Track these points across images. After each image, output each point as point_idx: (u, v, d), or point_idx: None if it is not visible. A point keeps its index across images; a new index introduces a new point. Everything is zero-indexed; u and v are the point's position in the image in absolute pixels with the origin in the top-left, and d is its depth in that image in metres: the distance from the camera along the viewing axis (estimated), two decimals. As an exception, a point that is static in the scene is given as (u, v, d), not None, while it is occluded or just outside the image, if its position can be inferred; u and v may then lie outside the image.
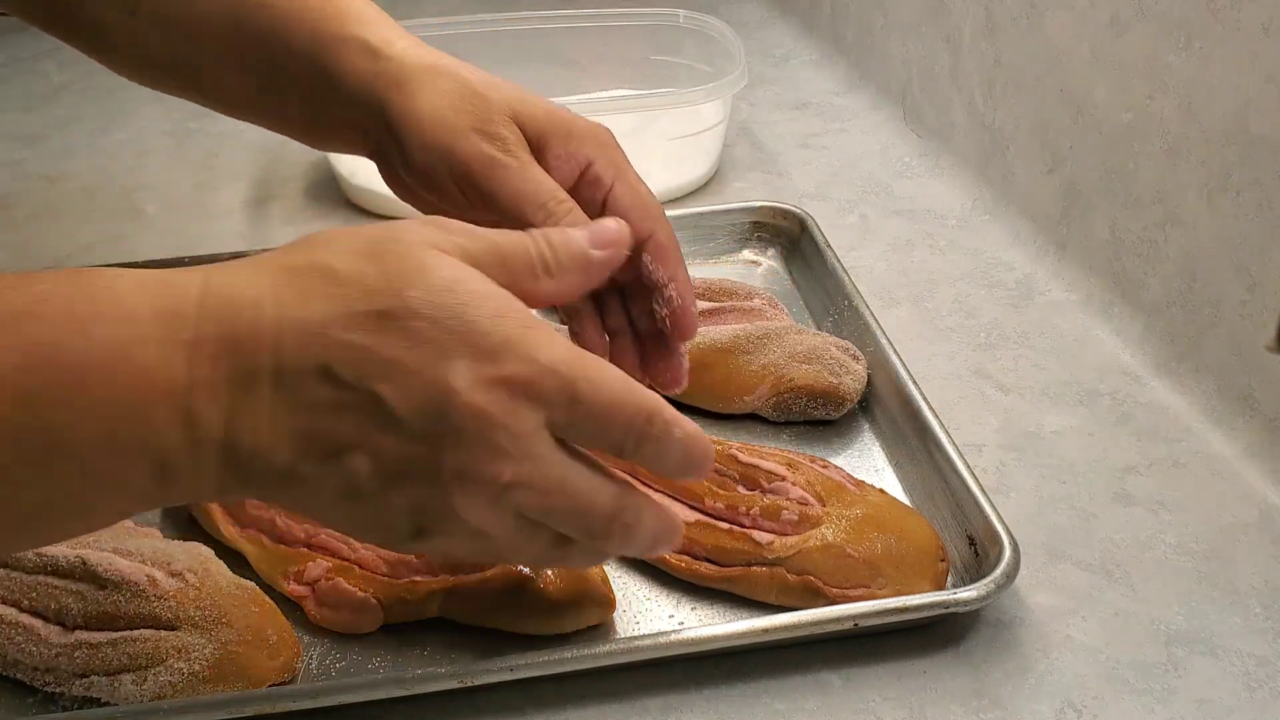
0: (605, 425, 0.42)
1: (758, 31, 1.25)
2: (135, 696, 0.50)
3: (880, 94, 1.06)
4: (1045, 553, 0.59)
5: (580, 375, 0.41)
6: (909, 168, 0.97)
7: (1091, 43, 0.76)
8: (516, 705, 0.52)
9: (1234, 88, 0.64)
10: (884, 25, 1.05)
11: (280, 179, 0.96)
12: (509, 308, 0.41)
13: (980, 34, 0.89)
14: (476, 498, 0.41)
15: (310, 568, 0.56)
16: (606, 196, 0.57)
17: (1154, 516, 0.62)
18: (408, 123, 0.55)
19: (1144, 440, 0.67)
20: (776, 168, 0.97)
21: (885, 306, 0.78)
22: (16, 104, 1.11)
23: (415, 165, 0.56)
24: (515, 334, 0.41)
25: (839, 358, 0.67)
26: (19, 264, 0.82)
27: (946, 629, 0.55)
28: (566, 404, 0.41)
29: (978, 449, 0.66)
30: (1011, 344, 0.75)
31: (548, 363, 0.41)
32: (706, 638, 0.52)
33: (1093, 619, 0.56)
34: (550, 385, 0.41)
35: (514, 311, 0.41)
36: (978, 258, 0.84)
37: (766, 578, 0.55)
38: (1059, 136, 0.80)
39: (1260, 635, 0.55)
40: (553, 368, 0.41)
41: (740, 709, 0.52)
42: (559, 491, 0.42)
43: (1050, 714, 0.51)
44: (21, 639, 0.51)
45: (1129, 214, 0.74)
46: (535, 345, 0.41)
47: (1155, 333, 0.72)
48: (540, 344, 0.41)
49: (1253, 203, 0.64)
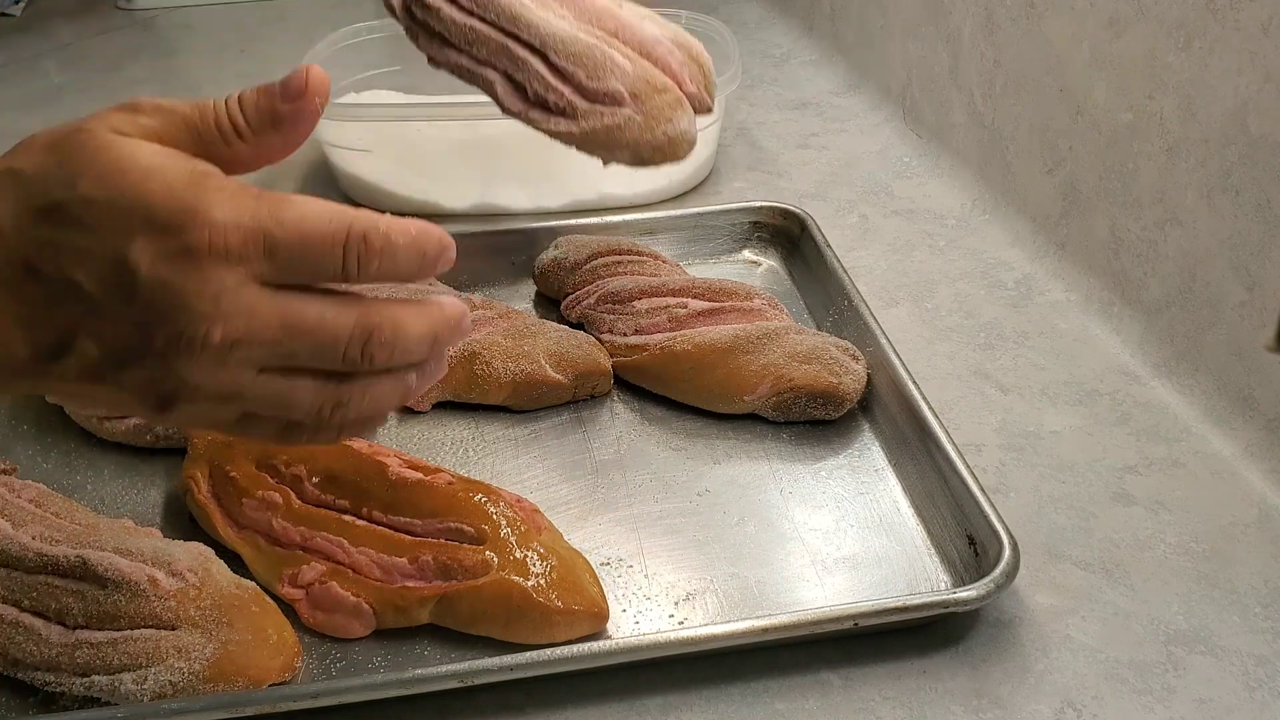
0: (316, 258, 0.42)
1: (757, 31, 1.25)
2: (136, 696, 0.50)
3: (880, 94, 1.06)
4: (1045, 552, 0.59)
5: (270, 221, 0.41)
6: (909, 168, 0.97)
7: (1091, 43, 0.76)
8: (516, 705, 0.52)
9: (1234, 88, 0.64)
10: (884, 25, 1.05)
11: (278, 175, 0.96)
12: (186, 175, 0.41)
13: (980, 34, 0.89)
14: (197, 362, 0.41)
15: (304, 571, 0.56)
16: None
17: (1154, 516, 0.62)
18: None
19: (1143, 440, 0.67)
20: (776, 168, 0.97)
21: (885, 306, 0.78)
22: (16, 104, 1.11)
23: None
24: (190, 200, 0.41)
25: (839, 358, 0.67)
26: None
27: (946, 629, 0.55)
28: (264, 253, 0.41)
29: (978, 449, 0.66)
30: (1011, 344, 0.75)
31: (227, 219, 0.41)
32: (706, 637, 0.52)
33: (1092, 619, 0.56)
34: (237, 240, 0.41)
35: (190, 178, 0.41)
36: (977, 258, 0.84)
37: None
38: (1059, 136, 0.80)
39: (1260, 635, 0.55)
40: (234, 222, 0.41)
41: (740, 709, 0.52)
42: (287, 333, 0.42)
43: (1050, 714, 0.51)
44: (22, 638, 0.51)
45: (1129, 214, 0.74)
46: (211, 206, 0.41)
47: (1155, 333, 0.72)
48: (217, 203, 0.41)
49: (1253, 203, 0.64)
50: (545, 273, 0.78)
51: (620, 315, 0.73)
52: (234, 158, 0.45)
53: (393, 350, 0.44)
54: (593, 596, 0.54)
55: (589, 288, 0.75)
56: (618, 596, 0.56)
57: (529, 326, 0.71)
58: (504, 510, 0.56)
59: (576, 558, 0.56)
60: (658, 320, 0.71)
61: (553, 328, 0.71)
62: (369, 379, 0.44)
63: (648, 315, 0.72)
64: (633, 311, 0.72)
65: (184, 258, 0.40)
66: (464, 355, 0.68)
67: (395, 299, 0.45)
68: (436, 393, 0.68)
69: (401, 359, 0.44)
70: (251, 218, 0.41)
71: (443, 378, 0.68)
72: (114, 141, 0.42)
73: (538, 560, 0.54)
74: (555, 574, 0.54)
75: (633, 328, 0.71)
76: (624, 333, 0.72)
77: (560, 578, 0.54)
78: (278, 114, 0.45)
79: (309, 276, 0.43)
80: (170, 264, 0.40)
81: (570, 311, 0.76)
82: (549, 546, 0.55)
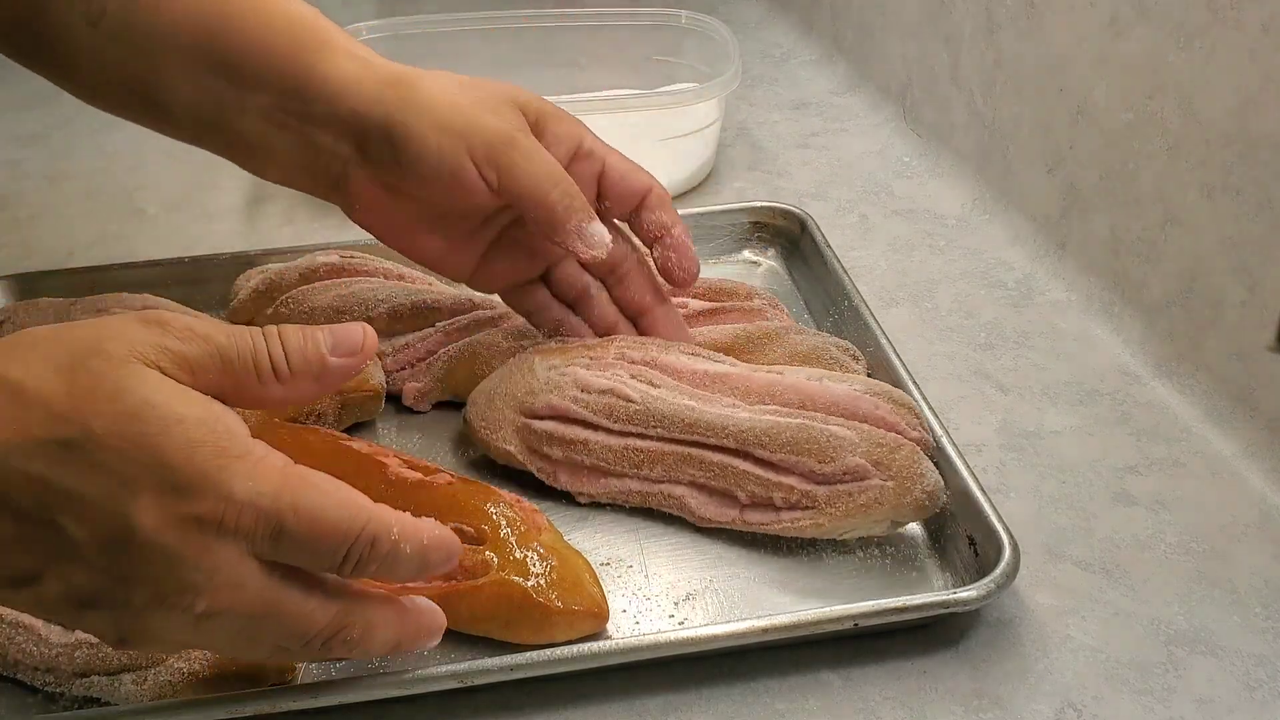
0: (319, 552, 0.41)
1: (757, 31, 1.25)
2: (135, 696, 0.50)
3: (880, 94, 1.06)
4: (1045, 552, 0.59)
5: (286, 508, 0.39)
6: (909, 167, 0.97)
7: (1091, 43, 0.76)
8: (516, 705, 0.52)
9: (1234, 88, 0.64)
10: (884, 25, 1.05)
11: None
12: (208, 435, 0.39)
13: (980, 34, 0.89)
14: (171, 624, 0.40)
15: None
16: (603, 167, 0.62)
17: (1154, 516, 0.62)
18: (418, 109, 0.56)
19: (1144, 440, 0.67)
20: (776, 167, 0.97)
21: (885, 306, 0.78)
22: (16, 104, 1.11)
23: (427, 153, 0.56)
24: (210, 466, 0.38)
25: (839, 358, 0.67)
26: (19, 264, 0.82)
27: (946, 629, 0.55)
28: (270, 537, 0.40)
29: (978, 449, 0.66)
30: (1011, 344, 0.75)
31: (245, 498, 0.39)
32: (706, 637, 0.52)
33: (1092, 618, 0.56)
34: (248, 520, 0.39)
35: (213, 439, 0.39)
36: (977, 258, 0.84)
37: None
38: (1059, 136, 0.80)
39: (1260, 635, 0.55)
40: (251, 502, 0.39)
41: (740, 709, 0.52)
42: (265, 615, 0.41)
43: (1050, 714, 0.51)
44: (22, 639, 0.51)
45: (1129, 214, 0.74)
46: (231, 479, 0.39)
47: (1155, 333, 0.72)
48: (238, 476, 0.39)
49: (1253, 203, 0.64)
50: (545, 273, 0.78)
51: (620, 315, 0.72)
52: (263, 397, 0.43)
53: (351, 651, 0.44)
54: (593, 596, 0.54)
55: (589, 288, 0.75)
56: (618, 596, 0.56)
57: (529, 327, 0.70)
58: (504, 510, 0.56)
59: (576, 558, 0.56)
60: (658, 320, 0.71)
61: (553, 328, 0.71)
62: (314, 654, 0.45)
63: (648, 315, 0.71)
64: (633, 312, 0.72)
65: (191, 526, 0.39)
66: (464, 355, 0.67)
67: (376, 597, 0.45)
68: (437, 393, 0.68)
69: (358, 657, 0.46)
70: (271, 500, 0.39)
71: (443, 378, 0.68)
72: (134, 379, 0.38)
73: (538, 560, 0.54)
74: (555, 574, 0.54)
75: (633, 328, 0.71)
76: (624, 333, 0.71)
77: (560, 578, 0.54)
78: (325, 367, 0.43)
79: (304, 564, 0.42)
80: (175, 530, 0.38)
81: (570, 312, 0.76)
82: (549, 546, 0.55)
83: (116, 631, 0.41)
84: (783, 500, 0.57)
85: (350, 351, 0.44)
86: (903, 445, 0.57)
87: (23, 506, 0.38)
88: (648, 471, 0.59)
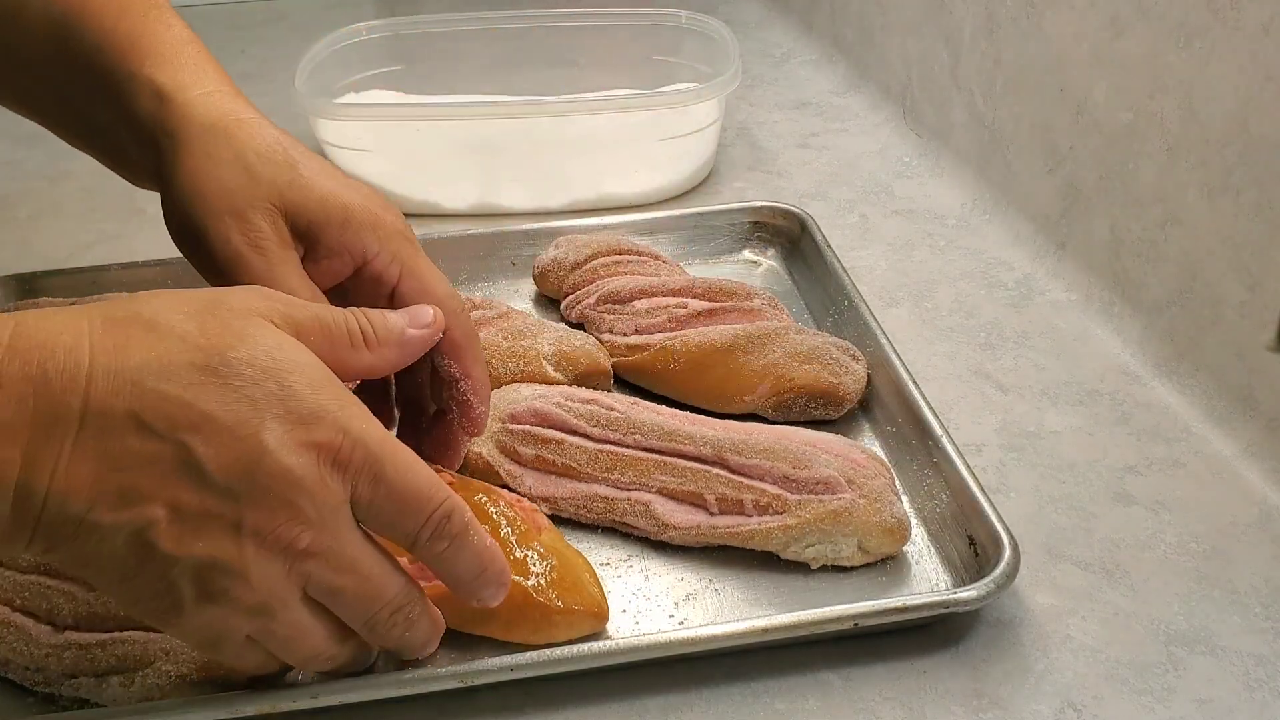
0: (404, 512, 0.44)
1: (757, 31, 1.25)
2: (122, 699, 0.50)
3: (880, 94, 1.06)
4: (1045, 552, 0.59)
5: (388, 456, 0.43)
6: (909, 167, 0.97)
7: (1091, 43, 0.76)
8: (516, 705, 0.52)
9: (1234, 88, 0.64)
10: (884, 25, 1.05)
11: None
12: (327, 381, 0.43)
13: (980, 34, 0.89)
14: (272, 562, 0.41)
15: None
16: (392, 293, 0.54)
17: (1154, 516, 0.62)
18: (169, 188, 0.54)
19: (1144, 440, 0.67)
20: (776, 167, 0.97)
21: (885, 306, 0.78)
22: (16, 104, 1.11)
23: (172, 231, 0.55)
24: (331, 404, 0.42)
25: (839, 358, 0.67)
26: (19, 264, 0.82)
27: (946, 629, 0.55)
28: (371, 480, 0.43)
29: (978, 449, 0.66)
30: (1011, 344, 0.75)
31: (358, 434, 0.42)
32: (706, 637, 0.52)
33: (1092, 619, 0.56)
34: (359, 457, 0.42)
35: (331, 384, 0.43)
36: (977, 258, 0.84)
37: None
38: (1059, 136, 0.80)
39: (1260, 635, 0.55)
40: (362, 440, 0.42)
41: (740, 709, 0.52)
42: (351, 570, 0.43)
43: (1050, 714, 0.51)
44: (13, 638, 0.51)
45: (1129, 214, 0.74)
46: (350, 418, 0.42)
47: (1155, 333, 0.72)
48: (354, 417, 0.43)
49: (1253, 203, 0.64)
50: (545, 273, 0.78)
51: (620, 315, 0.72)
52: (355, 362, 0.47)
53: (401, 635, 0.47)
54: (593, 596, 0.54)
55: (589, 288, 0.75)
56: (617, 596, 0.56)
57: (529, 326, 0.70)
58: (504, 510, 0.56)
59: (576, 557, 0.56)
60: (657, 320, 0.71)
61: (552, 328, 0.71)
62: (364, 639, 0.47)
63: (647, 315, 0.72)
64: (632, 311, 0.72)
65: (312, 451, 0.41)
66: (464, 355, 0.67)
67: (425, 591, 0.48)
68: (436, 393, 0.68)
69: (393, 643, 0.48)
70: (377, 445, 0.43)
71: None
72: (257, 327, 0.42)
73: (538, 560, 0.54)
74: (555, 574, 0.54)
75: (632, 328, 0.71)
76: (624, 333, 0.72)
77: (560, 577, 0.54)
78: (405, 336, 0.49)
79: (385, 526, 0.44)
80: (301, 454, 0.41)
81: (570, 311, 0.76)
82: (549, 546, 0.55)
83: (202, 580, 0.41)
84: (753, 504, 0.57)
85: (424, 325, 0.50)
86: (878, 475, 0.58)
87: (154, 426, 0.39)
88: (618, 476, 0.59)
